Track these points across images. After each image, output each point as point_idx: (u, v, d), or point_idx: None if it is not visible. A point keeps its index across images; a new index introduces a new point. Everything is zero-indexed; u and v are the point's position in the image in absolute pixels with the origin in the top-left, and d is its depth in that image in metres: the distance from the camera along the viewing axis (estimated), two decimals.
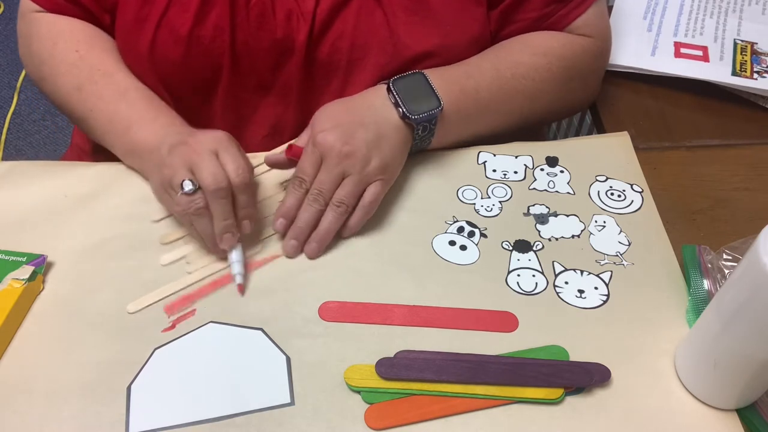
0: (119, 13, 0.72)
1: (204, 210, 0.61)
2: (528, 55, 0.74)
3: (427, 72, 0.69)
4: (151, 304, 0.61)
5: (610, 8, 0.92)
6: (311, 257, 0.65)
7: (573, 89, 0.78)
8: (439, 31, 0.71)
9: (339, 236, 0.66)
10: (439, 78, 0.69)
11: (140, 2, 0.70)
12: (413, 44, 0.71)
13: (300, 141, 0.69)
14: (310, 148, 0.65)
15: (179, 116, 0.70)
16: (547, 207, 0.70)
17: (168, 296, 0.62)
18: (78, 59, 0.72)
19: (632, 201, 0.71)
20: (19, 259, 0.63)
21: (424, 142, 0.70)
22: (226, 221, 0.61)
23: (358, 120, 0.66)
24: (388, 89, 0.68)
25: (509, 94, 0.73)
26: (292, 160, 0.68)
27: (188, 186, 0.60)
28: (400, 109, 0.67)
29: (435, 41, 0.71)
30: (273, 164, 0.71)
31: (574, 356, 0.59)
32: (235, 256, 0.63)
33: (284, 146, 0.71)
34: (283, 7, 0.70)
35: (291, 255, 0.65)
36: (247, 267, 0.64)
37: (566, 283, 0.64)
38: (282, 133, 0.77)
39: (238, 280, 0.63)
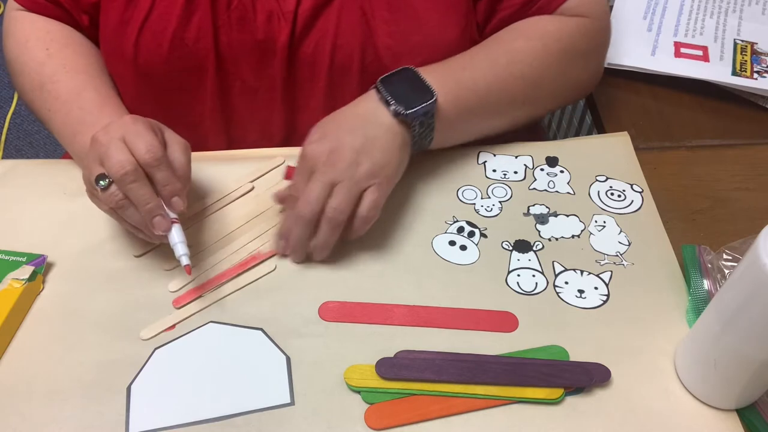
0: (102, 16, 0.72)
1: (125, 201, 0.58)
2: (522, 41, 0.72)
3: (418, 68, 0.67)
4: (162, 331, 0.60)
5: (610, 8, 0.92)
6: (318, 260, 0.65)
7: (574, 71, 0.76)
8: (421, 28, 0.70)
9: (341, 239, 0.66)
10: (430, 72, 0.67)
11: (124, 5, 0.69)
12: (394, 44, 0.70)
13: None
14: (300, 162, 0.64)
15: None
16: (547, 207, 0.70)
17: (182, 320, 0.61)
18: (46, 57, 0.71)
19: (632, 201, 0.71)
20: (19, 259, 0.63)
21: (425, 139, 0.68)
22: (148, 205, 0.58)
23: (345, 127, 0.64)
24: (377, 90, 0.66)
25: (507, 81, 0.71)
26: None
27: (101, 181, 0.57)
28: (392, 107, 0.64)
29: (417, 38, 0.70)
30: (282, 199, 0.67)
31: (574, 356, 0.59)
32: (175, 237, 0.60)
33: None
34: (264, 9, 0.69)
35: (297, 262, 0.65)
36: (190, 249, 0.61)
37: (566, 283, 0.64)
38: (271, 136, 0.77)
39: (184, 261, 0.60)
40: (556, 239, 0.68)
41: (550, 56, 0.72)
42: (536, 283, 0.64)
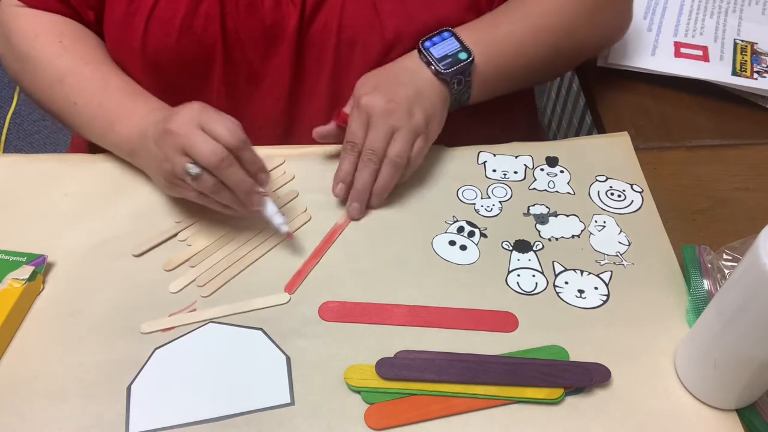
0: (108, 9, 0.72)
1: (219, 185, 0.61)
2: None
3: (456, 29, 0.71)
4: (163, 329, 0.60)
5: None
6: (374, 207, 0.69)
7: (606, 14, 0.78)
8: (427, 7, 0.71)
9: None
10: (466, 31, 0.71)
11: None
12: (401, 23, 0.71)
13: (347, 109, 0.70)
14: (356, 111, 0.67)
15: (160, 102, 0.70)
16: (547, 207, 0.70)
17: (187, 324, 0.61)
18: (61, 50, 0.71)
19: (632, 201, 0.71)
20: (19, 259, 0.63)
21: (462, 96, 0.71)
22: (245, 184, 0.62)
23: (396, 80, 0.68)
24: (419, 51, 0.70)
25: (540, 33, 0.73)
26: (340, 126, 0.70)
27: (193, 170, 0.60)
28: (432, 67, 0.68)
29: (423, 17, 0.71)
30: (323, 136, 0.71)
31: (574, 356, 0.59)
32: (270, 209, 0.65)
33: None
34: None
35: (356, 217, 0.68)
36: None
37: (566, 283, 0.64)
38: (275, 124, 0.78)
39: (284, 229, 0.65)
40: (556, 239, 0.68)
41: (579, 5, 0.74)
42: (536, 283, 0.64)
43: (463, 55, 0.69)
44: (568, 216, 0.70)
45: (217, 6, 0.69)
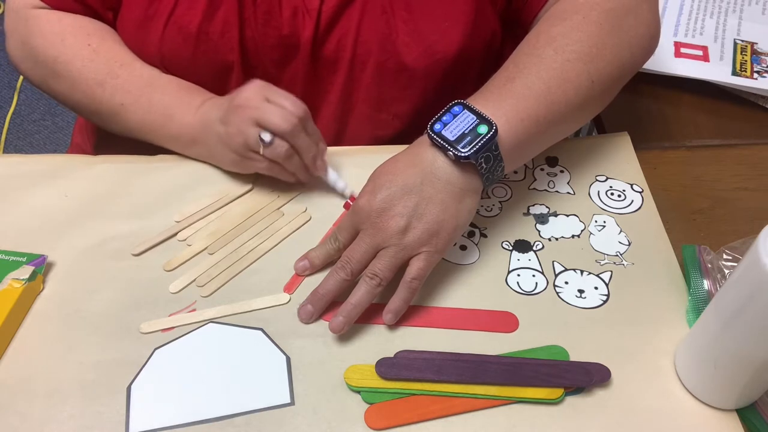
0: (124, 12, 0.72)
1: (291, 150, 0.64)
2: (559, 24, 0.67)
3: (468, 99, 0.62)
4: (162, 330, 0.60)
5: None
6: (335, 331, 0.59)
7: (627, 29, 0.68)
8: (437, 27, 0.71)
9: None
10: (482, 98, 0.62)
11: (147, 0, 0.70)
12: (412, 41, 0.71)
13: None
14: (349, 214, 0.61)
15: (210, 93, 0.72)
16: (547, 207, 0.70)
17: (187, 324, 0.61)
18: (92, 53, 0.71)
19: (632, 201, 0.71)
20: (19, 259, 0.63)
21: (495, 171, 0.61)
22: (313, 150, 0.66)
23: (401, 183, 0.59)
24: (429, 136, 0.60)
25: (564, 69, 0.64)
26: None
27: (267, 137, 0.63)
28: (450, 153, 0.58)
29: (434, 38, 0.71)
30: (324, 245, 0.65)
31: (574, 356, 0.59)
32: (332, 175, 0.69)
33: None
34: (290, 4, 0.70)
35: (304, 320, 0.61)
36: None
37: (566, 283, 0.64)
38: None
39: (348, 192, 0.69)
40: (556, 239, 0.68)
41: (596, 24, 0.66)
42: (536, 283, 0.64)
43: (482, 129, 0.58)
44: (568, 216, 0.70)
45: (236, 13, 0.69)
